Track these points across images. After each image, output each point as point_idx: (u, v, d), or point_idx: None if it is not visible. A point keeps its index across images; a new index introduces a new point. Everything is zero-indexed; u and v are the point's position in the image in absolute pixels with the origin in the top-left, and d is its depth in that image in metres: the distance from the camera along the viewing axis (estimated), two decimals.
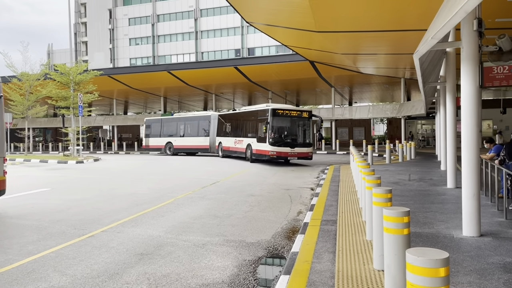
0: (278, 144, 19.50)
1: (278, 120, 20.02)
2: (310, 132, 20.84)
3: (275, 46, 60.98)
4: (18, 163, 24.71)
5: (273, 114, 19.78)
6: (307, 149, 20.26)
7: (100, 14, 73.21)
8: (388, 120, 42.51)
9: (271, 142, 19.41)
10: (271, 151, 19.35)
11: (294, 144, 19.92)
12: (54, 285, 4.57)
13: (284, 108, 20.63)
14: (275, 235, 6.72)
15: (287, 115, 20.27)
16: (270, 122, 19.57)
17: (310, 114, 20.83)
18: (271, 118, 19.68)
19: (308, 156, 20.24)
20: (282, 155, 19.64)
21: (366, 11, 12.55)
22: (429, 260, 2.09)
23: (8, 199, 10.57)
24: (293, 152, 19.76)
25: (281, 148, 19.50)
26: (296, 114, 20.50)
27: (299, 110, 21.28)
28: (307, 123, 20.65)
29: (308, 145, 20.44)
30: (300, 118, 20.49)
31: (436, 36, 4.61)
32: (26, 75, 29.39)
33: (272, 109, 19.91)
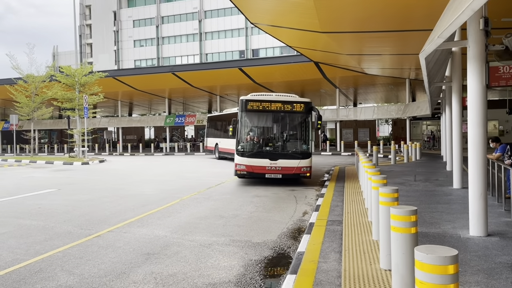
0: (250, 155, 12.72)
1: (252, 117, 13.35)
2: (307, 133, 13.22)
3: (279, 47, 61.00)
4: (24, 164, 24.85)
5: (245, 108, 13.03)
6: (299, 162, 12.58)
7: (105, 16, 73.53)
8: (393, 121, 42.36)
9: (239, 151, 12.83)
10: (238, 165, 12.72)
11: (276, 154, 12.75)
12: (62, 284, 4.59)
13: (262, 99, 13.28)
14: (281, 235, 6.72)
15: (268, 109, 13.01)
16: (240, 121, 13.08)
17: (307, 107, 13.13)
18: (241, 114, 13.09)
19: (300, 174, 12.68)
20: (256, 170, 12.57)
21: (371, 11, 12.53)
22: (438, 257, 2.08)
23: (15, 199, 10.64)
24: (274, 166, 12.50)
25: (254, 160, 12.59)
26: (282, 107, 13.02)
27: (288, 100, 13.16)
28: (302, 119, 13.23)
29: (302, 155, 12.78)
30: (290, 113, 13.11)
31: (443, 35, 4.60)
32: (32, 77, 29.57)
33: (243, 100, 13.12)
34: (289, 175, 12.54)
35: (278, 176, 12.48)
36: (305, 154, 12.79)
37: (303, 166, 12.57)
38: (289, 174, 12.52)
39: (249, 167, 12.58)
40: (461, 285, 4.09)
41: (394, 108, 34.35)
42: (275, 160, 12.52)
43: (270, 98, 13.41)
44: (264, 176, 12.52)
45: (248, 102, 13.03)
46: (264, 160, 12.53)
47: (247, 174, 12.66)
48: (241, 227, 7.25)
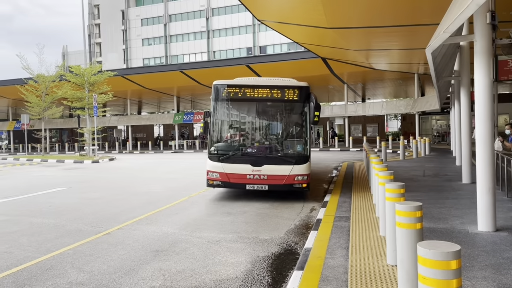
0: (225, 159, 9.50)
1: (229, 108, 10.20)
2: (304, 129, 9.67)
3: (286, 44, 60.85)
4: (35, 163, 25.17)
5: (219, 97, 9.80)
6: (292, 168, 9.22)
7: (113, 15, 73.95)
8: (402, 116, 42.07)
9: (211, 154, 9.67)
10: (211, 172, 9.60)
11: (260, 157, 9.48)
12: (72, 281, 4.68)
13: (242, 84, 9.86)
14: (288, 232, 6.75)
15: (250, 96, 9.70)
16: (212, 114, 9.81)
17: (303, 93, 9.57)
18: (215, 105, 9.84)
19: (294, 185, 9.25)
20: (233, 180, 9.41)
21: (378, 7, 12.46)
22: (440, 252, 2.09)
23: (27, 198, 10.80)
24: (258, 174, 9.26)
25: (231, 166, 9.41)
26: (269, 94, 9.63)
27: (278, 85, 9.68)
28: (296, 110, 9.86)
29: (297, 159, 9.39)
30: (280, 101, 9.77)
31: (448, 30, 4.57)
32: (42, 77, 29.89)
33: (216, 86, 9.82)
34: (278, 186, 9.15)
35: (263, 187, 9.15)
36: (301, 157, 9.30)
37: (297, 174, 9.07)
38: (278, 185, 9.14)
39: (224, 176, 9.27)
40: (468, 280, 4.09)
41: (403, 103, 34.11)
42: (259, 165, 9.14)
43: (253, 82, 9.98)
44: (244, 187, 9.23)
45: (224, 88, 9.61)
46: (245, 166, 9.19)
47: (222, 184, 9.45)
48: (249, 224, 7.29)
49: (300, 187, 9.23)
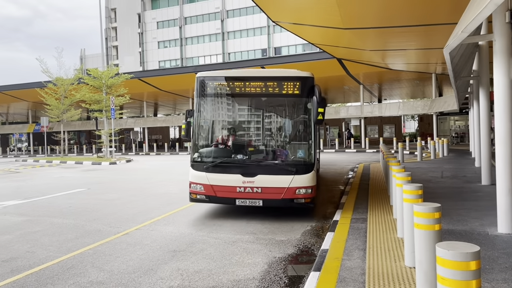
0: (211, 167, 7.74)
1: (216, 106, 8.41)
2: (307, 130, 7.83)
3: (301, 45, 60.71)
4: (54, 165, 25.65)
5: (204, 92, 8.12)
6: (293, 179, 7.45)
7: (130, 19, 74.91)
8: (420, 116, 41.55)
9: (195, 162, 7.94)
10: (194, 184, 7.87)
11: (253, 165, 7.74)
12: (93, 280, 4.77)
13: (231, 75, 8.38)
14: (305, 233, 6.75)
15: (241, 91, 8.13)
16: (196, 113, 8.15)
17: (306, 85, 7.74)
18: (198, 102, 8.15)
19: (295, 200, 7.50)
20: (220, 193, 7.69)
21: (394, 6, 12.35)
22: (460, 253, 2.09)
23: (48, 199, 11.03)
24: (251, 186, 7.56)
25: (218, 176, 7.70)
26: (264, 87, 7.89)
27: (274, 76, 8.08)
28: (298, 106, 8.05)
29: (299, 167, 7.57)
30: (277, 96, 7.96)
31: (467, 30, 4.53)
32: (61, 80, 30.48)
33: (200, 79, 8.16)
34: (274, 201, 7.41)
35: (257, 202, 7.44)
36: (303, 165, 7.50)
37: (299, 186, 7.31)
38: (275, 200, 7.40)
39: (209, 188, 7.57)
40: (488, 282, 4.03)
41: (420, 103, 33.68)
42: (252, 176, 7.43)
43: (244, 73, 8.75)
44: (234, 202, 7.57)
45: (209, 81, 8.00)
46: (234, 176, 7.49)
47: (207, 198, 7.69)
48: (265, 225, 7.32)
49: (302, 203, 7.40)
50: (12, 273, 5.10)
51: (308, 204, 7.49)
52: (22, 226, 7.73)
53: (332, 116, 37.04)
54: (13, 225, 7.87)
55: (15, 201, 10.72)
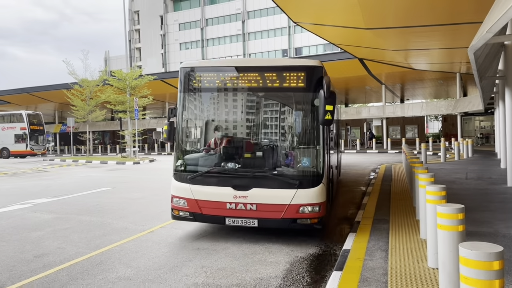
0: (196, 178, 6.39)
1: (203, 103, 7.07)
2: (314, 131, 6.25)
3: (322, 45, 60.42)
4: (80, 164, 26.32)
5: (189, 86, 6.77)
6: (295, 193, 5.95)
7: (152, 21, 76.07)
8: (443, 117, 40.80)
9: (177, 171, 6.65)
10: (176, 198, 6.53)
11: (247, 176, 6.25)
12: (121, 276, 4.94)
13: (221, 65, 7.16)
14: (326, 233, 6.78)
15: (233, 85, 6.68)
16: (179, 111, 6.77)
17: (312, 76, 6.19)
18: (183, 98, 6.78)
19: (298, 221, 5.98)
20: (207, 210, 6.28)
21: (416, 6, 12.22)
22: (483, 253, 2.12)
23: (75, 197, 11.37)
24: (243, 202, 6.09)
25: (205, 190, 6.32)
26: (261, 79, 6.40)
27: (274, 65, 6.55)
28: (302, 103, 6.43)
29: (303, 179, 6.08)
30: (277, 90, 6.47)
31: (492, 30, 4.50)
32: (87, 82, 31.24)
33: (185, 70, 6.77)
34: (273, 221, 6.03)
35: (251, 222, 6.07)
36: (309, 177, 6.10)
37: (303, 203, 5.91)
38: (273, 220, 6.01)
39: (193, 204, 6.29)
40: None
41: (444, 103, 33.11)
42: (245, 189, 6.08)
43: (238, 62, 6.89)
44: (223, 221, 6.21)
45: (195, 73, 6.69)
46: (223, 189, 6.17)
47: (191, 216, 6.38)
48: None
49: (308, 224, 5.92)
50: (45, 268, 5.32)
51: (315, 225, 5.94)
52: (52, 223, 8.02)
53: (353, 116, 36.77)
54: (44, 222, 8.17)
55: (44, 199, 11.10)
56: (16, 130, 34.98)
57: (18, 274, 5.10)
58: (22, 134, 34.69)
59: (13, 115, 36.15)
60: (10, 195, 12.00)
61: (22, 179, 17.05)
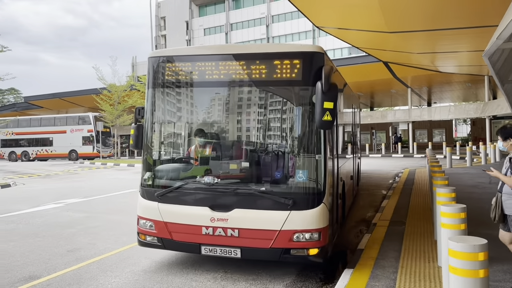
0: (163, 195, 5.11)
1: (175, 100, 5.55)
2: (313, 135, 4.79)
3: (347, 48, 60.12)
4: (109, 167, 27.20)
5: (159, 80, 5.40)
6: (288, 216, 4.61)
7: (178, 26, 77.59)
8: (472, 120, 39.94)
9: (145, 186, 5.40)
10: (143, 220, 5.35)
11: (226, 194, 4.92)
12: (146, 269, 5.32)
13: (197, 53, 5.45)
14: (342, 234, 6.97)
15: (212, 78, 5.17)
16: (148, 111, 5.44)
17: (311, 65, 4.76)
18: (152, 95, 5.42)
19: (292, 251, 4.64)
20: (178, 236, 4.99)
21: (440, 8, 12.17)
22: (468, 245, 2.31)
23: (103, 198, 11.92)
24: (223, 227, 4.78)
25: (174, 209, 5.04)
26: (246, 70, 5.00)
27: (262, 52, 5.07)
28: (297, 99, 5.00)
29: (298, 197, 4.67)
30: (265, 83, 5.00)
31: (501, 37, 4.64)
32: (115, 87, 32.29)
33: (154, 61, 5.43)
34: (259, 251, 4.76)
35: (233, 251, 4.83)
36: (306, 194, 4.79)
37: (298, 229, 4.64)
38: (259, 250, 4.74)
39: (162, 228, 5.11)
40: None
41: (472, 107, 32.48)
42: (226, 209, 4.85)
43: (219, 50, 5.70)
44: (198, 250, 4.94)
45: (166, 63, 5.42)
46: (199, 209, 4.94)
47: (160, 242, 5.16)
48: None
49: (304, 256, 4.63)
50: (77, 261, 5.75)
51: (313, 258, 4.62)
52: (83, 221, 8.51)
53: (378, 120, 36.46)
54: (75, 220, 8.68)
55: (76, 199, 11.68)
56: (83, 133, 34.81)
57: (53, 266, 5.53)
58: (89, 136, 34.57)
59: (81, 117, 36.21)
60: (44, 195, 12.67)
61: (54, 180, 17.86)
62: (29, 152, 36.85)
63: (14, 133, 37.60)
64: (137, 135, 5.43)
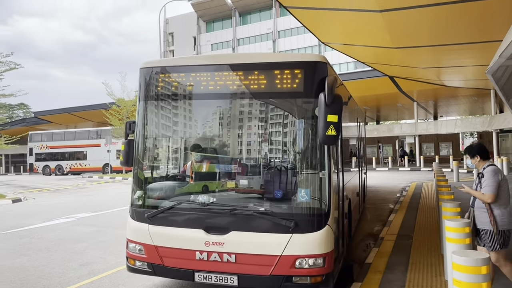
0: (154, 216, 4.71)
1: (169, 114, 5.12)
2: (316, 152, 4.43)
3: (353, 62, 60.48)
4: (117, 181, 27.43)
5: (152, 92, 5.05)
6: (290, 239, 4.22)
7: (186, 42, 78.66)
8: (479, 134, 39.82)
9: (135, 207, 4.97)
10: (132, 244, 4.94)
11: (222, 215, 4.52)
12: (157, 284, 5.44)
13: (191, 64, 5.07)
14: (349, 247, 7.03)
15: (208, 90, 4.82)
16: (139, 126, 5.09)
17: (313, 76, 4.42)
18: (143, 108, 5.06)
19: (294, 279, 4.21)
20: (169, 262, 4.62)
21: (444, 24, 12.28)
22: (472, 259, 2.42)
23: (111, 212, 12.07)
24: (218, 252, 4.38)
25: (166, 231, 4.66)
26: (243, 82, 4.66)
27: (260, 62, 4.67)
28: (297, 112, 4.63)
29: (300, 219, 4.29)
30: (263, 95, 4.69)
31: (503, 55, 4.77)
32: (124, 102, 32.71)
33: (146, 72, 5.07)
34: (258, 279, 4.33)
35: (229, 279, 4.41)
36: (309, 216, 4.40)
37: (301, 254, 4.22)
38: (258, 278, 4.32)
39: (152, 252, 4.74)
40: None
41: (478, 120, 32.45)
42: (221, 232, 4.47)
43: (216, 60, 5.31)
44: (191, 276, 4.54)
45: (158, 75, 5.06)
46: (192, 232, 4.55)
47: (150, 268, 4.81)
48: None
49: (308, 284, 4.25)
50: (89, 275, 5.88)
51: (317, 286, 4.24)
52: (93, 236, 8.65)
53: (385, 133, 36.51)
54: (86, 234, 8.82)
55: (86, 213, 11.84)
56: (117, 146, 34.02)
57: (67, 280, 5.66)
58: None
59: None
60: (55, 210, 12.85)
61: (64, 195, 18.07)
62: (63, 166, 36.72)
63: (49, 147, 37.41)
64: (127, 151, 5.08)
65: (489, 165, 4.42)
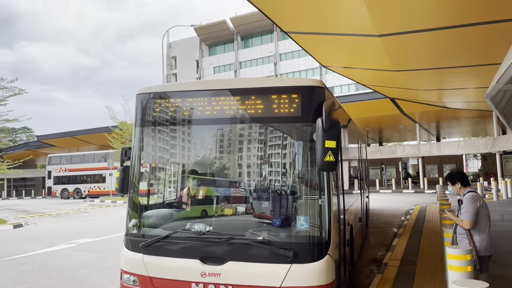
0: (148, 246, 4.52)
1: (165, 141, 5.04)
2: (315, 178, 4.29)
3: (354, 84, 60.97)
4: (119, 205, 27.36)
5: (147, 119, 4.98)
6: (289, 270, 4.02)
7: (188, 65, 79.75)
8: (482, 155, 39.70)
9: (130, 236, 4.87)
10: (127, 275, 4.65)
11: (219, 245, 4.33)
12: None
13: (188, 89, 4.98)
14: (353, 273, 6.94)
15: (205, 116, 4.76)
16: (135, 153, 5.01)
17: (310, 101, 4.36)
18: (140, 136, 4.98)
19: None
20: None
21: (444, 48, 12.41)
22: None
23: (112, 237, 12.01)
24: (214, 280, 4.19)
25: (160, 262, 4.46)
26: (240, 107, 4.64)
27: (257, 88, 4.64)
28: (295, 138, 4.55)
29: (298, 249, 4.07)
30: (260, 120, 4.59)
31: (501, 81, 4.83)
32: (126, 125, 32.92)
33: (142, 97, 5.00)
34: None
35: None
36: (309, 245, 4.19)
37: (301, 285, 4.02)
38: None
39: (147, 283, 4.53)
40: None
41: (481, 142, 32.41)
42: (218, 262, 4.27)
43: (212, 85, 5.12)
44: None
45: (154, 100, 5.01)
46: (188, 262, 4.36)
47: None
48: None
49: None
50: None
51: None
52: (94, 262, 8.58)
53: (388, 155, 36.46)
54: (87, 260, 8.76)
55: (87, 239, 11.78)
56: None
57: None
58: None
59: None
60: (56, 235, 12.79)
61: (65, 219, 18.01)
62: (82, 189, 36.00)
63: (67, 170, 36.75)
64: (123, 178, 4.97)
65: (468, 191, 4.49)
